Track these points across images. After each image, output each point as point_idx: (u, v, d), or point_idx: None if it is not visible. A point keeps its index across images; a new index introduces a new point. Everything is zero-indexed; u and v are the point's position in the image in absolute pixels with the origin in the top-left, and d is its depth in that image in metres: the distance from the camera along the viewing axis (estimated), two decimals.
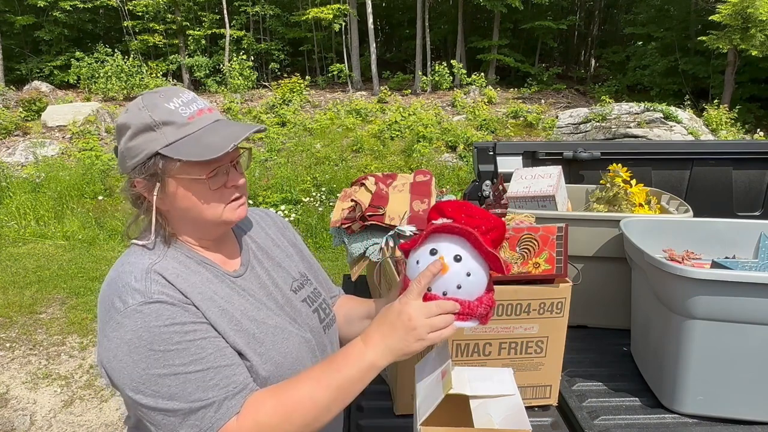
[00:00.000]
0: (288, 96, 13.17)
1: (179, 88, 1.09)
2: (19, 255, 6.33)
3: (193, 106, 1.03)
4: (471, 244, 0.96)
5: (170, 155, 0.99)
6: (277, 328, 1.10)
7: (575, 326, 1.77)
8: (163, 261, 1.04)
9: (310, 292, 1.27)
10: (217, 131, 1.02)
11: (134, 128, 1.01)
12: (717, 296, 1.33)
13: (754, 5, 11.48)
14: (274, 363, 1.06)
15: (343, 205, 1.86)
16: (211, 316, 1.01)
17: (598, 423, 1.44)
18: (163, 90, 1.05)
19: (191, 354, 0.95)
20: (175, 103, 1.02)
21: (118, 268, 1.04)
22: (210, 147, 0.99)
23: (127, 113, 1.04)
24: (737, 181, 2.60)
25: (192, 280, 1.04)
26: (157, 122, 1.00)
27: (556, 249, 1.38)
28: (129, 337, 0.94)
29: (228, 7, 15.93)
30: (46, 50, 16.31)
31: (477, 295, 0.98)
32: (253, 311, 1.09)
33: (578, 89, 16.38)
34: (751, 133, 11.79)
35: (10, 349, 4.24)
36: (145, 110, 1.01)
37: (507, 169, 2.31)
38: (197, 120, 1.02)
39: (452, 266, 0.94)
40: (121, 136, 1.03)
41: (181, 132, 1.00)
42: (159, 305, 0.95)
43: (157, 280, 0.99)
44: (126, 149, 1.02)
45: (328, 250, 6.48)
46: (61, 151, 10.32)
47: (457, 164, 9.73)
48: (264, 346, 1.06)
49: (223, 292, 1.07)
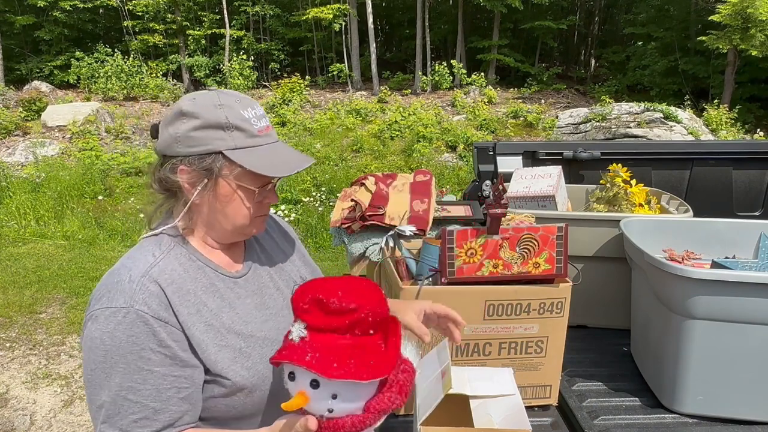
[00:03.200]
0: (288, 96, 13.17)
1: (252, 99, 1.11)
2: (19, 255, 6.33)
3: (263, 122, 1.08)
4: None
5: (234, 159, 1.02)
6: (266, 340, 1.11)
7: (575, 326, 1.77)
8: (165, 261, 1.04)
9: None
10: (278, 152, 1.08)
11: (204, 121, 1.03)
12: (717, 296, 1.33)
13: (754, 5, 11.48)
14: (261, 376, 1.09)
15: (343, 205, 1.86)
16: (195, 332, 1.03)
17: (598, 423, 1.44)
18: (239, 95, 1.09)
19: (132, 380, 0.97)
20: (249, 113, 1.06)
21: (123, 260, 1.06)
22: (274, 166, 1.04)
23: (196, 103, 1.04)
24: (737, 181, 2.60)
25: (186, 287, 1.04)
26: (231, 125, 1.03)
27: (556, 249, 1.38)
28: (96, 335, 0.97)
29: (228, 7, 15.92)
30: (46, 50, 16.30)
31: (357, 409, 0.85)
32: (240, 324, 1.09)
33: (578, 89, 16.37)
34: (751, 133, 11.79)
35: (10, 349, 4.24)
36: (222, 109, 1.03)
37: (507, 169, 2.31)
38: (264, 135, 1.07)
39: (311, 394, 0.83)
40: (180, 121, 1.04)
41: (249, 141, 1.04)
42: (134, 317, 0.97)
43: (148, 288, 0.99)
44: (185, 137, 1.03)
45: (328, 250, 6.47)
46: (61, 151, 10.31)
47: (457, 164, 9.72)
48: (251, 359, 1.08)
49: (213, 303, 1.08)
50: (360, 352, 0.83)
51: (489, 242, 1.37)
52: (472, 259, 1.38)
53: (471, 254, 1.38)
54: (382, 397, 0.86)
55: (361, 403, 0.85)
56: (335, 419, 0.85)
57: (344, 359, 0.82)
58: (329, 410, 0.84)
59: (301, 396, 0.83)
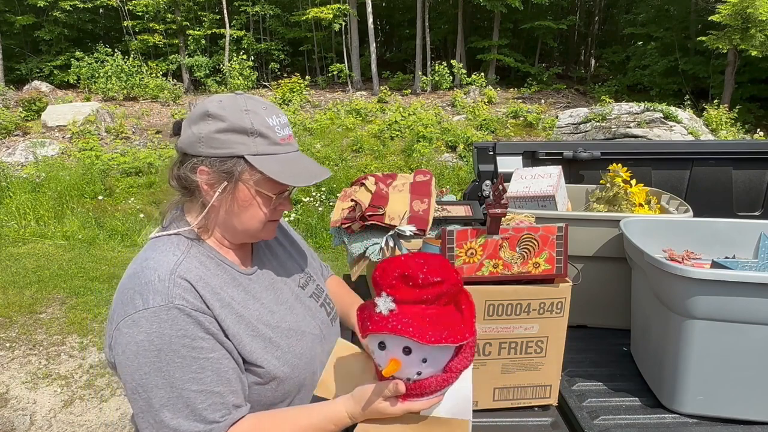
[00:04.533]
0: (288, 96, 13.17)
1: (277, 107, 1.13)
2: (19, 255, 6.32)
3: (286, 130, 1.10)
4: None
5: (255, 165, 1.03)
6: (291, 331, 1.14)
7: (575, 326, 1.77)
8: (187, 260, 1.05)
9: (315, 288, 1.32)
10: (298, 162, 1.10)
11: (229, 124, 1.04)
12: (717, 296, 1.33)
13: (754, 5, 11.48)
14: (290, 365, 1.11)
15: (343, 205, 1.86)
16: (229, 323, 1.04)
17: (597, 423, 1.44)
18: (265, 102, 1.11)
19: (192, 371, 0.97)
20: (274, 121, 1.07)
21: (142, 262, 1.05)
22: (294, 174, 1.06)
23: (222, 105, 1.05)
24: (737, 181, 2.60)
25: (212, 283, 1.06)
26: (255, 131, 1.04)
27: (556, 249, 1.38)
28: (141, 338, 0.96)
29: (228, 7, 15.92)
30: (46, 50, 16.29)
31: (440, 370, 0.95)
32: (267, 315, 1.12)
33: (578, 89, 16.37)
34: (751, 133, 11.79)
35: (10, 349, 4.24)
36: (248, 114, 1.05)
37: (507, 169, 2.31)
38: (287, 144, 1.09)
39: (403, 360, 0.92)
40: (205, 122, 1.04)
41: (271, 149, 1.06)
42: (177, 312, 0.97)
43: (180, 284, 1.00)
44: (209, 137, 1.04)
45: (328, 250, 6.47)
46: (61, 150, 10.31)
47: (457, 164, 9.72)
48: (281, 349, 1.10)
49: (239, 296, 1.10)
50: (447, 319, 0.92)
51: (489, 242, 1.37)
52: (472, 259, 1.38)
53: (471, 254, 1.38)
54: (461, 358, 0.96)
55: (443, 365, 0.95)
56: (421, 381, 0.94)
57: (437, 326, 0.90)
58: (418, 373, 0.93)
59: (394, 362, 0.91)
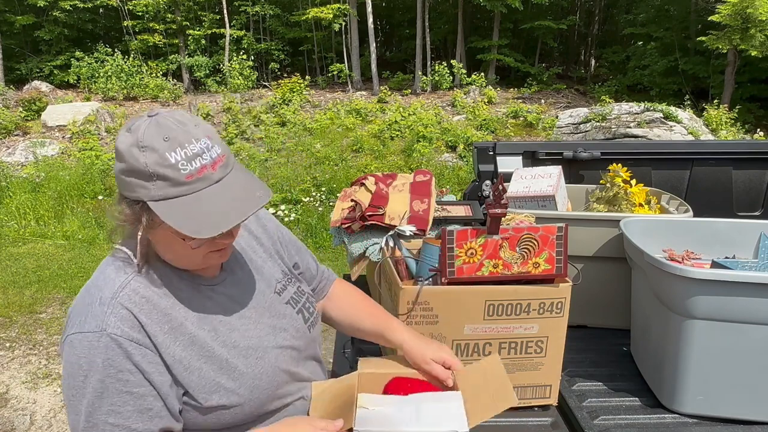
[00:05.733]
0: (288, 96, 13.16)
1: (193, 129, 0.94)
2: (19, 255, 6.32)
3: (197, 162, 0.92)
4: None
5: (157, 212, 0.92)
6: (251, 349, 1.08)
7: (575, 326, 1.77)
8: (135, 282, 1.01)
9: (294, 293, 1.24)
10: (214, 200, 0.93)
11: (127, 165, 0.93)
12: (717, 296, 1.33)
13: (754, 5, 11.47)
14: (249, 387, 1.06)
15: (343, 205, 1.86)
16: (176, 350, 1.00)
17: (597, 423, 1.44)
18: (173, 129, 0.93)
19: (112, 403, 0.95)
20: (178, 155, 0.91)
21: (96, 278, 1.03)
22: (201, 221, 0.91)
23: (123, 141, 0.93)
24: (737, 181, 2.60)
25: (162, 305, 1.01)
26: (153, 173, 0.91)
27: (556, 249, 1.38)
28: (73, 360, 0.96)
29: (228, 7, 15.91)
30: (46, 50, 16.28)
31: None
32: (224, 334, 1.06)
33: (578, 89, 16.36)
34: (751, 133, 11.78)
35: (10, 349, 4.24)
36: (143, 153, 0.91)
37: (507, 169, 2.31)
38: (196, 181, 0.92)
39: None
40: (116, 159, 0.96)
41: (175, 191, 0.92)
42: (108, 340, 0.95)
43: (119, 312, 0.97)
44: (118, 178, 0.96)
45: (328, 250, 6.47)
46: (61, 150, 10.31)
47: (457, 164, 9.72)
48: (237, 370, 1.05)
49: (194, 316, 1.04)
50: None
51: (489, 242, 1.37)
52: (472, 259, 1.38)
53: (471, 254, 1.38)
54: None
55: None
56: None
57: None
58: None
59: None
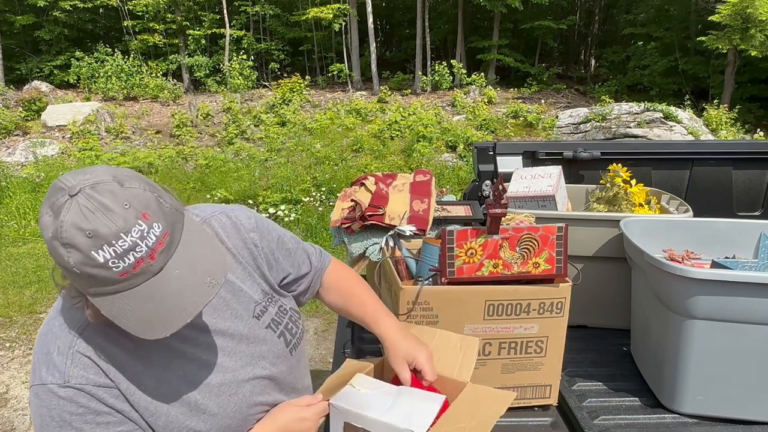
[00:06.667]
0: (288, 96, 13.15)
1: (120, 219, 0.79)
2: (19, 255, 6.32)
3: (130, 258, 0.79)
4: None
5: (96, 305, 0.84)
6: (223, 386, 1.04)
7: (575, 326, 1.77)
8: (91, 328, 0.94)
9: (275, 314, 1.15)
10: (155, 297, 0.83)
11: (56, 260, 0.81)
12: (717, 296, 1.33)
13: (754, 5, 11.47)
14: (220, 428, 1.03)
15: (343, 204, 1.86)
16: (140, 397, 0.96)
17: (597, 423, 1.44)
18: (97, 220, 0.77)
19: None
20: (106, 253, 0.78)
21: (50, 321, 0.98)
22: (144, 322, 0.83)
23: (47, 227, 0.80)
24: (737, 181, 2.60)
25: (121, 351, 0.95)
26: (82, 273, 0.79)
27: (556, 249, 1.38)
28: (43, 411, 0.92)
29: (228, 7, 15.91)
30: (46, 50, 16.28)
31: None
32: (193, 372, 1.02)
33: (578, 89, 16.37)
34: (751, 133, 11.78)
35: (10, 349, 4.24)
36: (67, 252, 0.78)
37: (507, 169, 2.31)
38: (132, 277, 0.81)
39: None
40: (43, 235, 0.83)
41: (109, 288, 0.81)
42: (73, 392, 0.91)
43: (79, 361, 0.92)
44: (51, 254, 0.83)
45: (328, 250, 6.46)
46: (60, 150, 10.31)
47: (457, 164, 9.72)
48: (208, 412, 1.02)
49: (160, 356, 0.98)
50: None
51: (489, 242, 1.37)
52: (472, 259, 1.38)
53: (471, 254, 1.38)
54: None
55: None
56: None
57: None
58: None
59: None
